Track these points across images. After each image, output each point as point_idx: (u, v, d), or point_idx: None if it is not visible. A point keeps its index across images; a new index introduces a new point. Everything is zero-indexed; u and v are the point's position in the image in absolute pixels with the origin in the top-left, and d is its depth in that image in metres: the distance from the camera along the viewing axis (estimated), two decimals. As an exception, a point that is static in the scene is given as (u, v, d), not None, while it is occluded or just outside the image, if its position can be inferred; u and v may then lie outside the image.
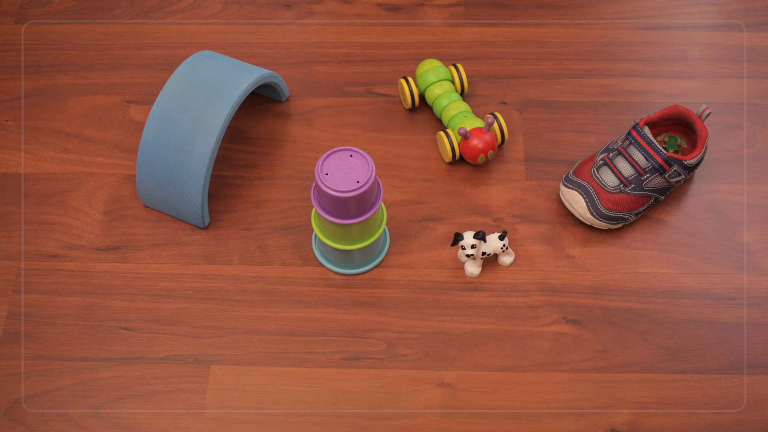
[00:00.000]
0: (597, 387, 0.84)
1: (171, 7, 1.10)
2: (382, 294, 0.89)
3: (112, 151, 0.99)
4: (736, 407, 0.83)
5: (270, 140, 0.99)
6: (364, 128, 1.00)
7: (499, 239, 0.88)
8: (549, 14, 1.09)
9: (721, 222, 0.93)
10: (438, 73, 0.98)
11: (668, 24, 1.08)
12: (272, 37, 1.07)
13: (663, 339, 0.86)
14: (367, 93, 1.03)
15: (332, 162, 0.80)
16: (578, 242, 0.92)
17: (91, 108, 1.02)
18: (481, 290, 0.89)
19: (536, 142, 0.99)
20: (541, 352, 0.86)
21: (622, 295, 0.89)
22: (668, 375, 0.85)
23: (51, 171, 0.98)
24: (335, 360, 0.86)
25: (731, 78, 1.03)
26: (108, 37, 1.08)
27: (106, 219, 0.94)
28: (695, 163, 0.90)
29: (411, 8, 1.10)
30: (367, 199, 0.80)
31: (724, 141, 0.99)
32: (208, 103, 0.87)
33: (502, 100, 1.02)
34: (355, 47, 1.07)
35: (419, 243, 0.92)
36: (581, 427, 0.82)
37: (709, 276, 0.90)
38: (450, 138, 0.94)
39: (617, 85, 1.03)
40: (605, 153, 0.91)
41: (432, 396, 0.84)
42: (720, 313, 0.88)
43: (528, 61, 1.05)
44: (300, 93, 1.03)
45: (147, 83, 1.04)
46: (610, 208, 0.89)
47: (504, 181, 0.96)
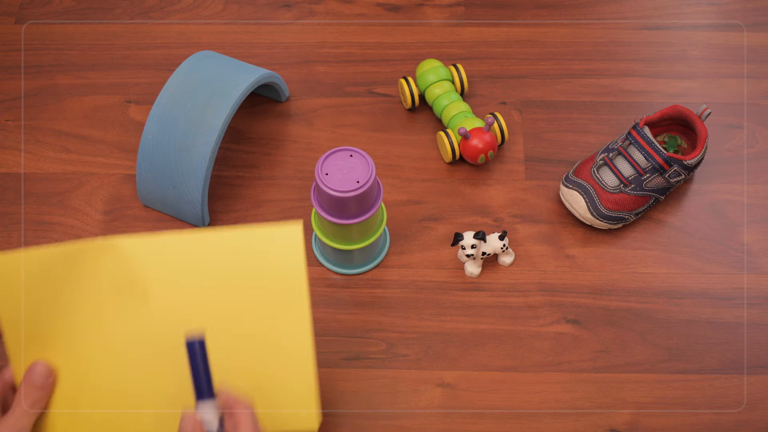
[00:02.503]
0: (597, 387, 0.84)
1: (171, 7, 1.10)
2: (382, 294, 0.89)
3: (112, 151, 0.99)
4: (736, 407, 0.83)
5: (270, 140, 0.99)
6: (364, 128, 1.00)
7: (499, 239, 0.88)
8: (549, 14, 1.09)
9: (721, 222, 0.93)
10: (438, 73, 0.98)
11: (668, 24, 1.08)
12: (272, 37, 1.07)
13: (663, 339, 0.86)
14: (367, 93, 1.03)
15: (332, 162, 0.80)
16: (578, 242, 0.92)
17: (91, 108, 1.02)
18: (481, 290, 0.89)
19: (536, 142, 0.99)
20: (541, 352, 0.86)
21: (622, 295, 0.89)
22: (668, 375, 0.85)
23: (51, 171, 0.98)
24: (335, 360, 0.86)
25: (731, 78, 1.04)
26: (108, 37, 1.08)
27: (106, 219, 0.94)
28: (695, 163, 0.90)
29: (411, 8, 1.10)
30: (367, 199, 0.80)
31: (724, 141, 0.99)
32: (208, 102, 0.87)
33: (502, 100, 1.02)
34: (355, 47, 1.07)
35: (419, 243, 0.92)
36: (581, 427, 0.82)
37: (709, 276, 0.90)
38: (450, 138, 0.94)
39: (617, 85, 1.03)
40: (605, 153, 0.91)
41: (432, 396, 0.84)
42: (720, 313, 0.88)
43: (528, 61, 1.05)
44: (300, 93, 1.03)
45: (147, 83, 1.04)
46: (610, 208, 0.89)
47: (504, 181, 0.96)
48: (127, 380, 0.74)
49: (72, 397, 0.73)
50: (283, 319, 0.73)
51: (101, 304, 0.73)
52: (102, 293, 0.73)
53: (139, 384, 0.74)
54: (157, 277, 0.73)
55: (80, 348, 0.73)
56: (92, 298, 0.73)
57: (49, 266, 0.72)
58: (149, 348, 0.73)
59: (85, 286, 0.73)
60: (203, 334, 0.70)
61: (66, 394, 0.73)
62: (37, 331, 0.73)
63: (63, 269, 0.72)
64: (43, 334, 0.73)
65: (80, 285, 0.73)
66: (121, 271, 0.73)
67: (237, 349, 0.73)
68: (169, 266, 0.73)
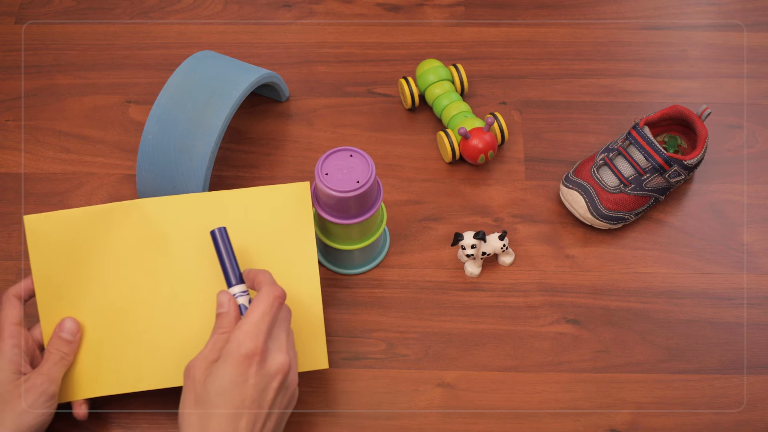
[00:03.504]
0: (597, 387, 0.84)
1: (171, 7, 1.10)
2: (382, 294, 0.89)
3: (112, 151, 0.99)
4: (736, 407, 0.83)
5: (270, 140, 0.99)
6: (364, 128, 1.00)
7: (499, 239, 0.88)
8: (549, 14, 1.09)
9: (721, 222, 0.93)
10: (438, 73, 0.98)
11: (668, 24, 1.08)
12: (272, 37, 1.07)
13: (663, 339, 0.86)
14: (367, 93, 1.03)
15: (332, 162, 0.80)
16: (578, 242, 0.92)
17: (91, 108, 1.02)
18: (481, 290, 0.89)
19: (536, 142, 0.99)
20: (541, 352, 0.86)
21: (622, 295, 0.89)
22: (668, 375, 0.85)
23: (51, 171, 0.98)
24: (335, 360, 0.86)
25: (731, 78, 1.04)
26: (108, 37, 1.08)
27: (106, 219, 0.94)
28: (695, 163, 0.90)
29: (411, 8, 1.10)
30: (367, 199, 0.80)
31: (724, 141, 0.99)
32: (208, 102, 0.87)
33: (502, 100, 1.02)
34: (355, 47, 1.07)
35: (419, 243, 0.92)
36: (581, 427, 0.82)
37: (709, 276, 0.90)
38: (450, 138, 0.94)
39: (617, 85, 1.03)
40: (605, 153, 0.91)
41: (432, 396, 0.84)
42: (720, 313, 0.88)
43: (528, 61, 1.05)
44: (300, 93, 1.03)
45: (147, 83, 1.04)
46: (610, 208, 0.89)
47: (504, 181, 0.96)
48: (150, 330, 0.79)
49: (97, 350, 0.79)
50: (294, 266, 0.80)
51: (126, 259, 0.79)
52: (127, 249, 0.79)
53: (160, 333, 0.79)
54: (178, 232, 0.79)
55: (106, 303, 0.79)
56: (118, 255, 0.79)
57: (79, 226, 0.78)
58: (170, 299, 0.79)
59: (112, 243, 0.79)
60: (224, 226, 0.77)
61: (92, 348, 0.79)
62: (66, 289, 0.79)
63: (91, 229, 0.78)
64: (71, 293, 0.79)
65: (107, 242, 0.78)
66: (145, 229, 0.79)
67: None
68: (189, 222, 0.79)
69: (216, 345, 0.69)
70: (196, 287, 0.78)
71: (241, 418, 0.66)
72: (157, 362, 0.78)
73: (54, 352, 0.76)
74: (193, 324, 0.78)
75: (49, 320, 0.78)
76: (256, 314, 0.68)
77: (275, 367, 0.68)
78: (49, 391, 0.74)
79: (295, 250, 0.80)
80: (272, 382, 0.68)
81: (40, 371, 0.75)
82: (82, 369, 0.78)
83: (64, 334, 0.77)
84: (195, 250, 0.79)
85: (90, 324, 0.79)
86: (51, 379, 0.75)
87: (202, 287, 0.79)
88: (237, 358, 0.66)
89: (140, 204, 0.78)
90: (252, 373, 0.66)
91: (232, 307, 0.71)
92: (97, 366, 0.78)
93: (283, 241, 0.80)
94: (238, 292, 0.73)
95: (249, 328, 0.67)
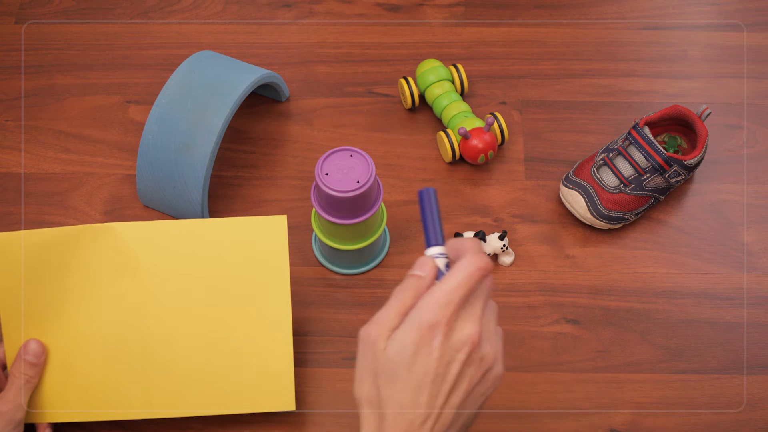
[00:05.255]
0: (597, 387, 0.84)
1: (171, 7, 1.10)
2: (382, 294, 0.89)
3: (112, 151, 0.99)
4: (736, 407, 0.83)
5: (270, 140, 0.99)
6: (364, 128, 1.00)
7: (499, 239, 0.88)
8: (549, 14, 1.09)
9: (721, 222, 0.93)
10: (438, 73, 0.98)
11: (668, 24, 1.08)
12: (272, 37, 1.07)
13: (663, 339, 0.86)
14: (367, 93, 1.03)
15: (332, 162, 0.80)
16: (578, 242, 0.92)
17: (91, 108, 1.02)
18: (481, 290, 0.89)
19: (536, 142, 0.99)
20: (541, 352, 0.86)
21: (622, 295, 0.89)
22: (668, 375, 0.85)
23: (51, 171, 0.98)
24: (335, 360, 0.86)
25: (731, 78, 1.04)
26: (108, 37, 1.08)
27: (106, 219, 0.94)
28: (695, 163, 0.90)
29: (411, 8, 1.10)
30: (367, 199, 0.80)
31: (724, 141, 0.99)
32: (208, 102, 0.87)
33: (502, 100, 1.02)
34: (355, 47, 1.07)
35: (419, 243, 0.92)
36: (581, 427, 0.82)
37: (709, 276, 0.90)
38: (450, 138, 0.94)
39: (617, 85, 1.03)
40: (605, 153, 0.91)
41: (432, 396, 0.83)
42: (720, 313, 0.88)
43: (528, 61, 1.05)
44: (300, 93, 1.03)
45: (147, 83, 1.04)
46: (610, 208, 0.89)
47: (504, 181, 0.96)
48: (118, 355, 0.77)
49: (62, 373, 0.77)
50: (266, 302, 0.78)
51: (94, 282, 0.77)
52: (96, 273, 0.77)
53: (127, 358, 0.77)
54: (149, 257, 0.77)
55: (72, 325, 0.77)
56: (86, 277, 0.77)
57: (47, 247, 0.76)
58: (138, 324, 0.77)
59: (80, 265, 0.77)
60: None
61: (57, 370, 0.77)
62: (31, 309, 0.77)
63: (60, 250, 0.76)
64: (36, 313, 0.77)
65: (75, 265, 0.76)
66: (115, 252, 0.77)
67: (221, 328, 0.78)
68: (160, 248, 0.77)
69: (400, 309, 0.61)
70: (165, 312, 0.77)
71: (422, 392, 0.59)
72: (124, 388, 0.77)
73: (18, 375, 0.74)
74: (161, 349, 0.77)
75: (13, 341, 0.77)
76: (452, 283, 0.60)
77: (462, 339, 0.60)
78: (16, 418, 0.73)
79: (267, 285, 0.78)
80: (458, 353, 0.60)
81: (6, 398, 0.73)
82: (47, 392, 0.77)
83: (29, 357, 0.75)
84: (165, 276, 0.77)
85: (55, 346, 0.77)
86: (17, 406, 0.73)
87: (172, 313, 0.77)
88: (422, 326, 0.59)
89: (111, 228, 0.77)
90: (437, 345, 0.59)
91: (431, 273, 0.62)
92: (63, 390, 0.77)
93: (255, 275, 0.78)
94: (436, 253, 0.65)
95: (441, 296, 0.60)
